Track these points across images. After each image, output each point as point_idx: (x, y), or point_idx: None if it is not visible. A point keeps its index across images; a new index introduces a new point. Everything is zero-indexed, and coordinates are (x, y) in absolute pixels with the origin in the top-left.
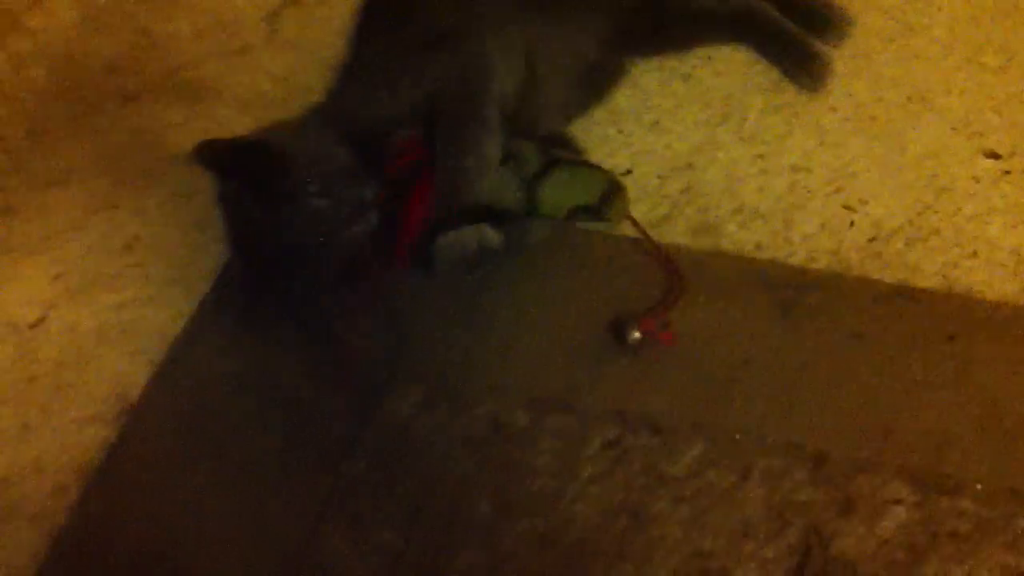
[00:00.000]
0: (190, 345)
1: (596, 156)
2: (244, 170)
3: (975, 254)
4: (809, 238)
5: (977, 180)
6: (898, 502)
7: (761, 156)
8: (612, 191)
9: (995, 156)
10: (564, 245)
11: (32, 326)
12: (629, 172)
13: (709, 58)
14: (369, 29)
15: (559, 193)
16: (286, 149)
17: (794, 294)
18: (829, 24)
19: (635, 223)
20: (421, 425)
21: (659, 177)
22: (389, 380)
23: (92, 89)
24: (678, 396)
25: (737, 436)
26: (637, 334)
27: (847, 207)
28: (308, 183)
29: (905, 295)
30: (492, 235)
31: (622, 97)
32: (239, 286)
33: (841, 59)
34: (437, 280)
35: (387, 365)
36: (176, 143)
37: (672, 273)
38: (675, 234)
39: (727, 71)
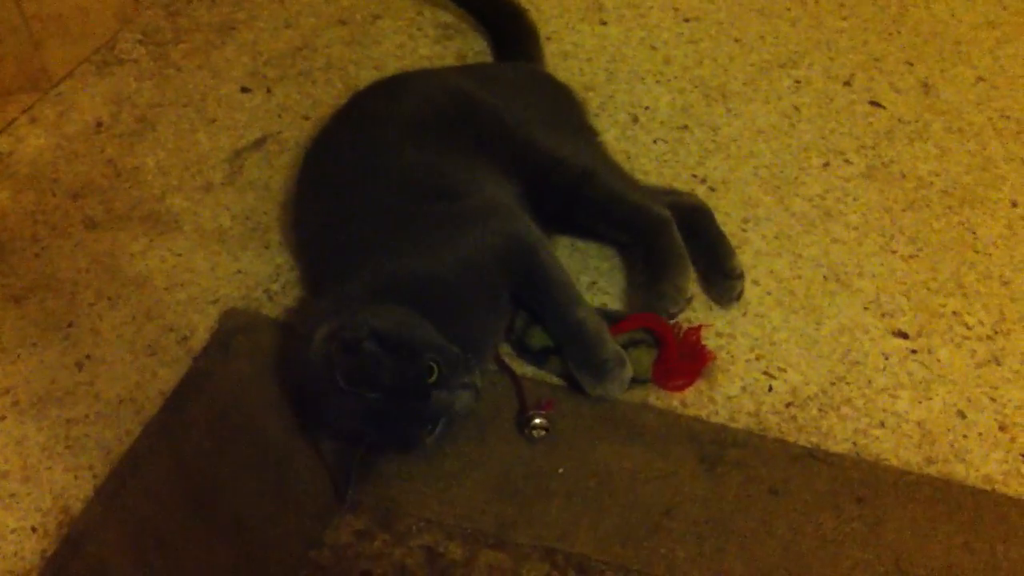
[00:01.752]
0: (136, 463)
1: None
2: None
3: (883, 424)
4: (731, 399)
5: (886, 357)
6: None
7: (688, 321)
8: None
9: (903, 336)
10: (500, 391)
11: None
12: None
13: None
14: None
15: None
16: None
17: (716, 449)
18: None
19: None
20: (359, 553)
21: None
22: (331, 508)
23: (56, 214)
24: (606, 539)
25: None
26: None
27: (767, 373)
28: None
29: (818, 457)
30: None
31: (562, 256)
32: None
33: (765, 239)
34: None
35: (332, 491)
36: (134, 270)
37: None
38: None
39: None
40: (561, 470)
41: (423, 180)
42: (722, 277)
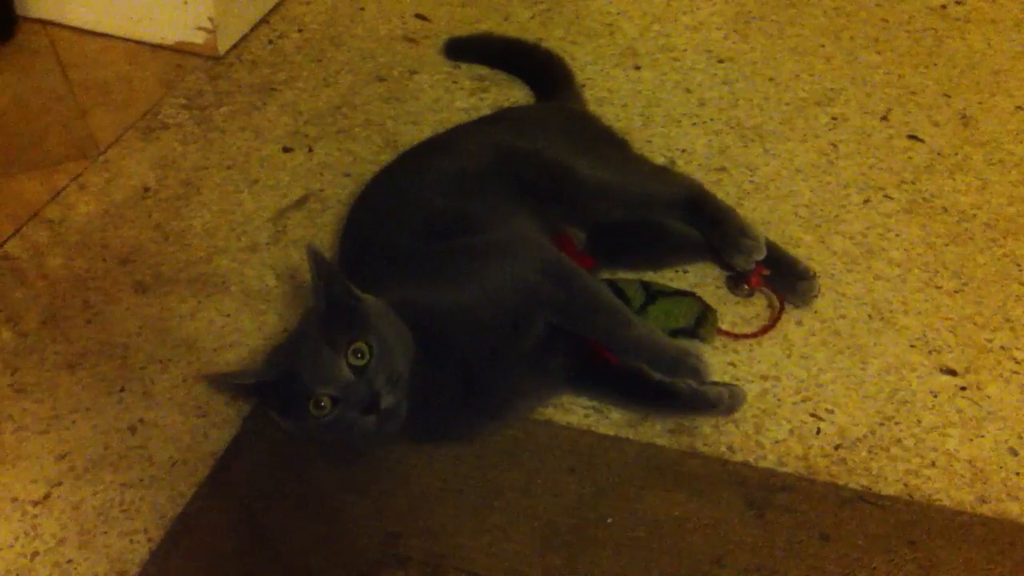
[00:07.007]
0: (188, 526)
1: None
2: None
3: (934, 464)
4: (779, 443)
5: (935, 395)
6: None
7: (733, 364)
8: (705, 314)
9: (951, 372)
10: (546, 441)
11: (36, 503)
12: None
13: (685, 271)
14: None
15: (662, 320)
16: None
17: (765, 494)
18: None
19: (723, 332)
20: None
21: None
22: (379, 562)
23: (107, 279)
24: None
25: None
26: (746, 287)
27: (814, 415)
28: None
29: (869, 500)
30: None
31: None
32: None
33: None
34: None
35: (379, 545)
36: (184, 333)
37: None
38: (653, 434)
39: (699, 283)
40: (609, 520)
41: (445, 223)
42: (797, 280)
